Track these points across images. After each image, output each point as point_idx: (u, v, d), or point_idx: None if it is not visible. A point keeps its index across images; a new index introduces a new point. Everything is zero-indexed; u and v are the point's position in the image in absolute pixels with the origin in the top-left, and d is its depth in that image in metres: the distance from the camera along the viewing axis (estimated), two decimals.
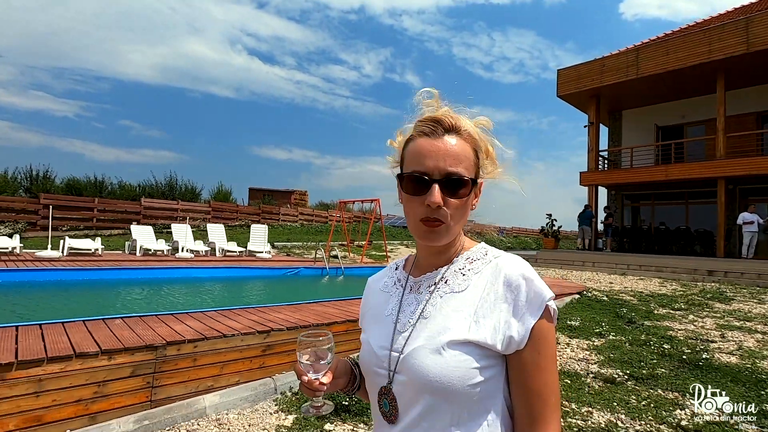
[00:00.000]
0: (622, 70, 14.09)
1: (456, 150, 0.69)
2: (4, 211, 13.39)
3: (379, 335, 0.75)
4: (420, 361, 0.66)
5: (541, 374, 0.66)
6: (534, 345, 0.65)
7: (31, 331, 2.72)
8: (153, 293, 6.51)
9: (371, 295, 0.84)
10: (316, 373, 0.72)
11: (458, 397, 0.64)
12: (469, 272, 0.72)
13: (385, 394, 0.70)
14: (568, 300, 6.56)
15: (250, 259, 10.94)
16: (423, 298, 0.73)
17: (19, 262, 7.15)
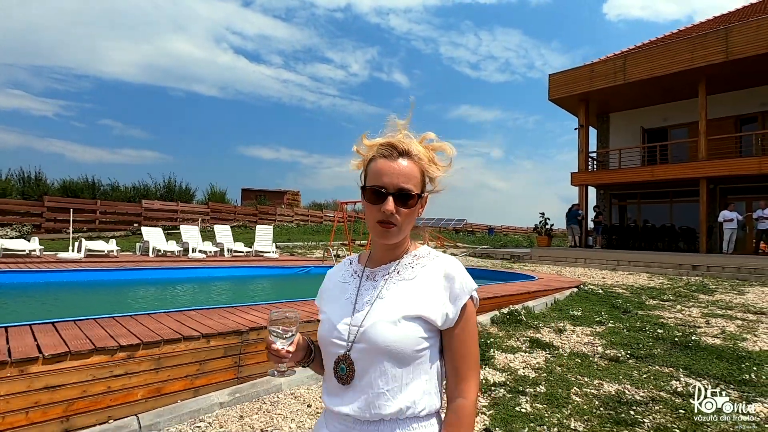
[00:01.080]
0: (610, 75, 14.79)
1: (407, 170, 0.88)
2: (9, 214, 13.48)
3: (339, 314, 0.91)
4: (380, 331, 0.83)
5: (466, 344, 0.87)
6: (461, 321, 0.87)
7: (132, 320, 3.13)
8: (196, 290, 6.96)
9: (330, 284, 1.02)
10: (283, 343, 0.87)
11: (407, 359, 0.83)
12: (417, 266, 0.92)
13: (343, 360, 0.86)
14: (567, 293, 7.13)
15: (259, 258, 11.30)
16: (379, 284, 0.91)
17: (49, 264, 7.43)
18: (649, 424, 2.67)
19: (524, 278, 8.44)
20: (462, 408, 0.85)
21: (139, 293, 6.44)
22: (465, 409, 0.85)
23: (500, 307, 5.63)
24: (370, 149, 0.92)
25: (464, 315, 0.87)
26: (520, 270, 10.93)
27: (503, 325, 5.03)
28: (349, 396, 0.85)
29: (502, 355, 4.01)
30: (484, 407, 2.94)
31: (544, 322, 5.29)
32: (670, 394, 3.14)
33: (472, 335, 0.88)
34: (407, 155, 0.89)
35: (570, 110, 17.25)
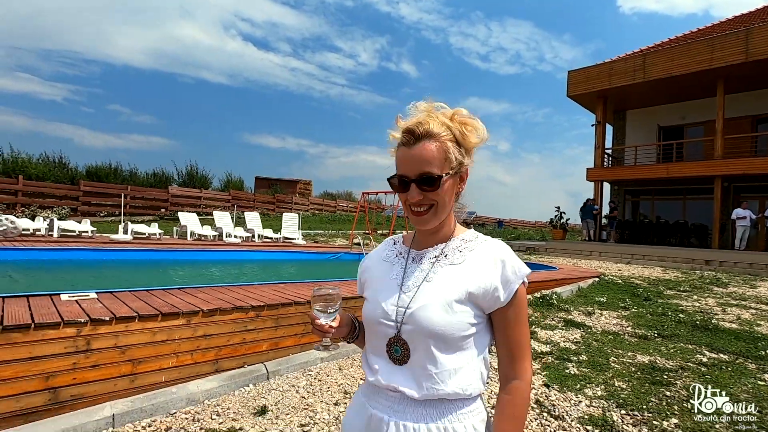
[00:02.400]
0: (629, 73, 15.07)
1: (427, 154, 0.85)
2: (49, 197, 14.13)
3: (385, 294, 0.91)
4: (428, 315, 0.83)
5: (519, 327, 0.87)
6: (514, 306, 0.86)
7: (241, 289, 3.68)
8: (257, 269, 7.61)
9: (373, 263, 1.02)
10: (326, 318, 0.89)
11: (454, 343, 0.83)
12: (465, 250, 0.91)
13: (396, 341, 0.87)
14: (589, 282, 7.62)
15: (290, 245, 11.87)
16: (426, 267, 0.91)
17: (104, 244, 8.03)
18: (680, 384, 3.18)
19: (547, 268, 8.92)
20: (517, 389, 0.86)
21: (214, 270, 7.11)
22: (520, 389, 0.86)
23: (532, 292, 6.14)
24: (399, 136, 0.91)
25: (516, 299, 0.87)
26: (538, 261, 11.42)
27: (537, 307, 5.54)
28: (399, 374, 0.87)
29: (543, 332, 4.53)
30: (538, 370, 3.45)
31: (573, 306, 5.80)
32: (697, 364, 3.64)
33: (524, 319, 0.89)
34: (428, 137, 0.86)
35: (587, 107, 17.54)
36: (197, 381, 2.62)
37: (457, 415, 0.85)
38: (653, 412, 2.72)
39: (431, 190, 0.85)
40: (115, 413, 2.27)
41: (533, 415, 2.69)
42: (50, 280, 5.60)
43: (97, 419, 2.21)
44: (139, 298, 2.99)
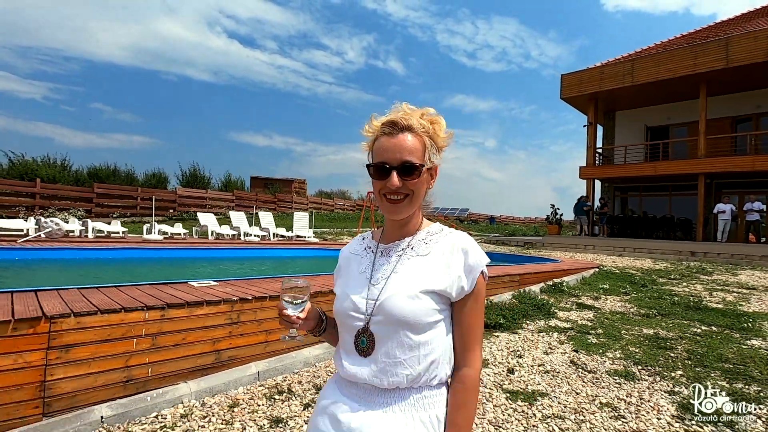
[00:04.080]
0: (619, 77, 16.00)
1: (409, 144, 0.91)
2: (63, 199, 14.47)
3: (355, 288, 0.95)
4: (396, 303, 0.88)
5: (475, 315, 0.92)
6: (473, 294, 0.92)
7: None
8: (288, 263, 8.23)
9: (344, 260, 1.06)
10: (294, 309, 0.93)
11: (422, 330, 0.88)
12: (431, 242, 0.96)
13: (363, 333, 0.90)
14: (591, 272, 8.43)
15: (303, 242, 12.48)
16: (393, 260, 0.95)
17: (142, 243, 8.56)
18: (681, 348, 3.96)
19: (550, 261, 9.72)
20: (467, 376, 0.90)
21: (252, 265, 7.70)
22: (470, 377, 0.90)
23: (544, 280, 6.90)
24: (375, 130, 0.95)
25: (476, 288, 0.91)
26: (539, 255, 12.25)
27: (551, 294, 6.30)
28: (367, 365, 0.89)
29: (560, 312, 5.28)
30: (564, 340, 4.19)
31: (581, 292, 6.58)
32: (692, 335, 4.43)
33: (481, 308, 0.92)
34: (409, 130, 0.92)
35: (580, 108, 18.47)
36: (309, 348, 3.29)
37: (425, 404, 0.88)
38: (662, 367, 3.48)
39: (411, 179, 0.90)
40: (258, 371, 2.93)
41: (571, 370, 3.42)
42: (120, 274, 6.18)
43: (248, 374, 2.87)
44: (252, 285, 3.62)
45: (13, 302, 2.45)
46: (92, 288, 2.92)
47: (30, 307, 2.33)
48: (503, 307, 4.98)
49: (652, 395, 2.95)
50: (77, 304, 2.45)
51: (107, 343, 2.36)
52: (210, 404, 2.57)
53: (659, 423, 2.57)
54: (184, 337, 2.66)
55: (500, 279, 5.85)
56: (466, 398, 0.89)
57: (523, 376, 3.27)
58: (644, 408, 2.76)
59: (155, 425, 2.31)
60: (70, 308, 2.32)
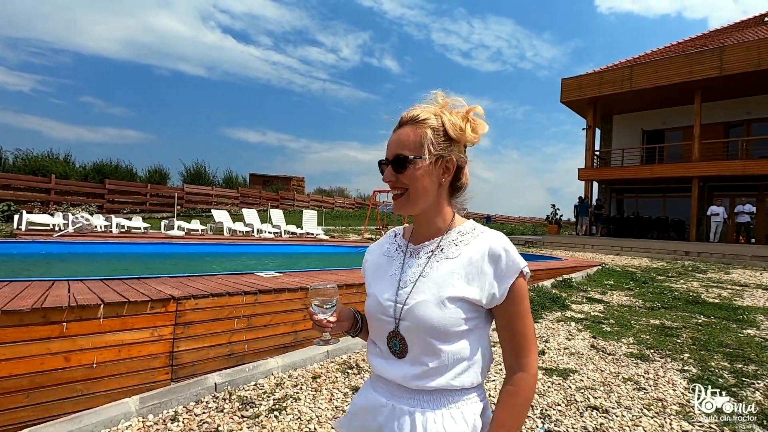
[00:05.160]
0: (617, 82, 16.58)
1: (404, 137, 0.88)
2: (76, 195, 14.71)
3: (384, 290, 0.94)
4: (423, 311, 0.86)
5: (521, 320, 0.88)
6: (513, 299, 0.87)
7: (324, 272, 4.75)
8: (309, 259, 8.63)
9: (374, 257, 1.05)
10: (324, 314, 0.93)
11: (450, 337, 0.85)
12: (461, 243, 0.91)
13: (394, 336, 0.90)
14: (595, 269, 8.96)
15: (314, 239, 12.89)
16: (422, 262, 0.92)
17: (167, 239, 8.91)
18: (686, 336, 4.46)
19: (554, 259, 10.24)
20: (521, 380, 0.87)
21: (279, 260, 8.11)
22: (524, 381, 0.87)
23: (554, 276, 7.40)
24: None
25: (515, 292, 0.86)
26: (541, 254, 12.78)
27: (561, 288, 6.79)
28: (397, 367, 0.90)
29: (573, 305, 5.77)
30: (581, 328, 4.67)
31: (589, 287, 7.09)
32: (694, 324, 4.94)
33: (525, 312, 0.88)
34: (410, 122, 0.89)
35: (578, 112, 19.04)
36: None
37: (455, 403, 0.87)
38: (671, 351, 3.97)
39: (400, 172, 0.87)
40: (328, 350, 3.37)
41: (593, 352, 3.90)
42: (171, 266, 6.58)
43: (320, 353, 3.31)
44: (314, 276, 4.04)
45: (133, 287, 2.86)
46: (188, 276, 3.34)
47: (150, 291, 2.74)
48: None
49: (666, 372, 3.43)
50: (186, 289, 2.87)
51: (216, 321, 2.78)
52: (295, 376, 3.01)
53: (675, 393, 3.05)
54: (271, 318, 3.09)
55: None
56: (517, 401, 0.87)
57: (552, 357, 3.74)
58: (661, 382, 3.24)
59: (258, 391, 2.74)
60: (188, 292, 2.74)
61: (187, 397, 2.52)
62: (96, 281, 3.03)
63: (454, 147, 0.90)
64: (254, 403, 2.61)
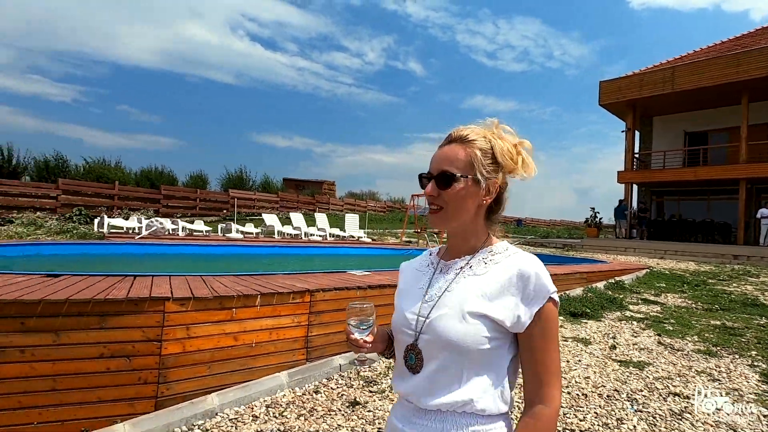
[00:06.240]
0: (659, 84, 16.41)
1: (452, 154, 0.89)
2: (135, 200, 15.77)
3: (409, 303, 0.95)
4: (444, 324, 0.84)
5: (546, 349, 0.83)
6: (539, 326, 0.83)
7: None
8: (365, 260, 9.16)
9: (407, 273, 1.05)
10: (360, 333, 0.94)
11: (470, 356, 0.82)
12: (490, 262, 0.90)
13: (411, 349, 0.88)
14: (644, 272, 9.06)
15: (359, 242, 13.39)
16: (450, 277, 0.92)
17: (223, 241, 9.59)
18: (750, 336, 4.64)
19: (599, 262, 10.35)
20: (542, 414, 0.82)
21: (338, 260, 8.65)
22: (545, 415, 0.82)
23: (605, 278, 7.59)
24: None
25: (542, 318, 0.83)
26: (581, 257, 12.85)
27: (614, 290, 6.98)
28: (411, 383, 0.88)
29: (630, 306, 5.99)
30: (644, 327, 4.91)
31: (641, 289, 7.25)
32: (756, 325, 5.09)
33: (552, 340, 0.84)
34: (459, 140, 0.90)
35: (617, 114, 18.90)
36: None
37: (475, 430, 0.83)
38: (738, 348, 4.18)
39: (443, 188, 0.87)
40: None
41: (661, 348, 4.16)
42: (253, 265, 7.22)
43: None
44: (388, 274, 4.48)
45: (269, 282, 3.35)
46: (303, 273, 3.83)
47: (279, 285, 3.23)
48: (582, 300, 5.72)
49: (736, 367, 3.67)
50: (310, 283, 3.35)
51: (337, 312, 3.24)
52: None
53: (750, 384, 3.30)
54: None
55: (572, 276, 6.59)
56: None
57: (624, 352, 4.03)
58: (734, 375, 3.49)
59: (374, 372, 3.17)
60: (318, 285, 3.21)
61: (321, 374, 2.98)
62: (230, 276, 3.55)
63: (500, 171, 0.91)
64: (376, 381, 3.05)
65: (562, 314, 5.19)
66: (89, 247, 7.21)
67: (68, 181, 14.58)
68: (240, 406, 2.57)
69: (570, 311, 5.23)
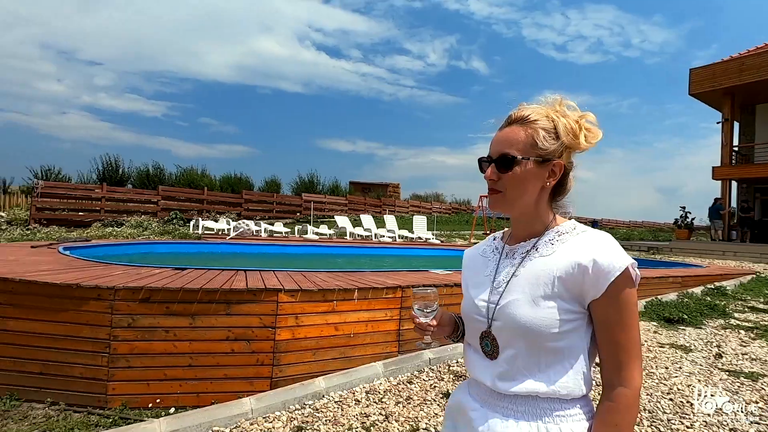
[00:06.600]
0: (763, 68, 14.63)
1: (511, 135, 0.86)
2: (221, 204, 17.24)
3: (478, 290, 0.94)
4: (515, 310, 0.83)
5: (623, 328, 0.79)
6: (614, 303, 0.78)
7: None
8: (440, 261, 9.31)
9: (472, 260, 1.05)
10: (425, 317, 0.96)
11: (545, 340, 0.80)
12: (557, 242, 0.87)
13: (486, 336, 0.88)
14: (749, 278, 8.16)
15: (428, 243, 13.47)
16: (516, 262, 0.90)
17: (301, 242, 10.17)
18: None
19: (694, 266, 9.49)
20: (622, 395, 0.79)
21: (404, 261, 8.88)
22: (626, 397, 0.79)
23: (702, 283, 6.97)
24: None
25: (616, 294, 0.78)
26: (672, 260, 11.82)
27: (715, 296, 6.39)
28: (489, 369, 0.87)
29: (735, 313, 5.47)
30: (754, 336, 4.47)
31: (747, 296, 6.56)
32: None
33: (629, 320, 0.79)
34: (519, 121, 0.87)
35: (712, 104, 17.13)
36: None
37: (553, 417, 0.81)
38: None
39: (504, 172, 0.85)
40: None
41: None
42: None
43: None
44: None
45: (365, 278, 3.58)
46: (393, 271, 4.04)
47: (370, 281, 3.43)
48: (678, 306, 5.34)
49: None
50: (399, 280, 3.52)
51: None
52: None
53: None
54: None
55: (665, 280, 6.15)
56: (617, 419, 0.79)
57: (731, 361, 3.73)
58: None
59: (462, 367, 3.26)
60: (408, 282, 3.38)
61: (412, 366, 3.13)
62: (324, 272, 3.84)
63: (564, 151, 0.86)
64: (465, 375, 3.14)
65: (656, 319, 4.89)
66: (192, 246, 8.06)
67: (166, 187, 16.31)
68: (343, 391, 2.80)
69: (665, 317, 4.91)
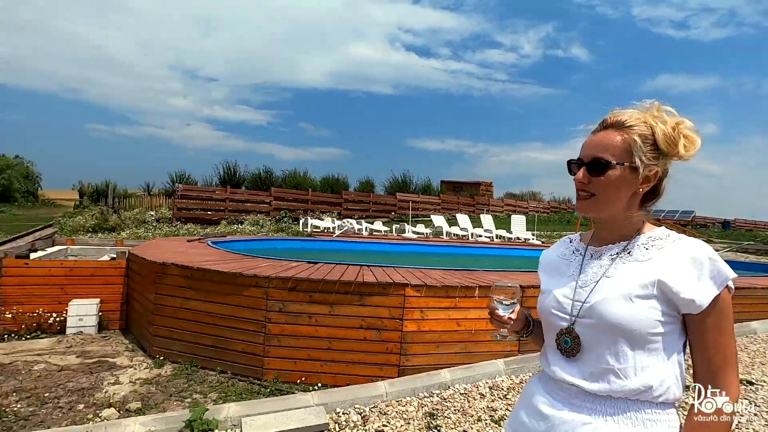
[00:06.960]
0: None
1: (606, 140, 0.84)
2: (323, 204, 18.47)
3: (561, 288, 0.92)
4: (609, 308, 0.80)
5: (721, 336, 0.78)
6: (716, 312, 0.78)
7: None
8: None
9: (550, 261, 1.03)
10: (505, 310, 0.98)
11: (641, 340, 0.78)
12: (653, 248, 0.84)
13: (567, 333, 0.86)
14: None
15: (525, 243, 12.94)
16: (605, 263, 0.88)
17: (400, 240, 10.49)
18: None
19: None
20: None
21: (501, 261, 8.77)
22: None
23: None
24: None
25: (718, 305, 0.79)
26: None
27: None
28: (574, 367, 0.86)
29: None
30: None
31: None
32: None
33: (728, 326, 0.80)
34: (615, 126, 0.86)
35: None
36: None
37: (644, 420, 0.79)
38: None
39: (596, 176, 0.84)
40: None
41: None
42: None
43: None
44: None
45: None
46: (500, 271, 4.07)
47: (484, 279, 3.48)
48: None
49: None
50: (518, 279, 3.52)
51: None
52: None
53: None
54: None
55: None
56: (713, 427, 0.81)
57: None
58: None
59: None
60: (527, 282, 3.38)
61: (533, 367, 3.13)
62: (438, 270, 3.99)
63: (661, 158, 0.84)
64: None
65: None
66: (306, 243, 8.82)
67: (277, 189, 17.94)
68: (467, 384, 2.91)
69: None
